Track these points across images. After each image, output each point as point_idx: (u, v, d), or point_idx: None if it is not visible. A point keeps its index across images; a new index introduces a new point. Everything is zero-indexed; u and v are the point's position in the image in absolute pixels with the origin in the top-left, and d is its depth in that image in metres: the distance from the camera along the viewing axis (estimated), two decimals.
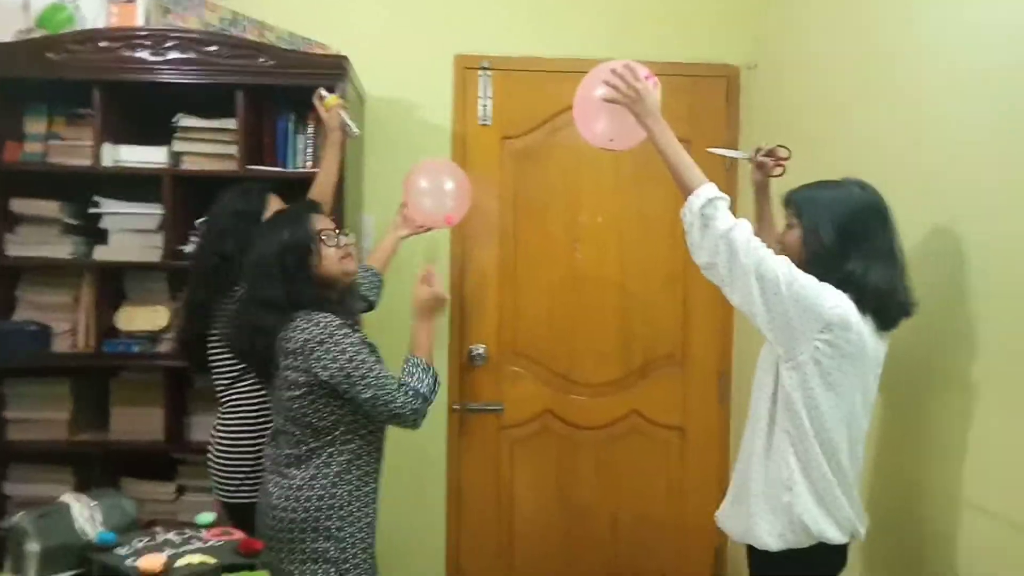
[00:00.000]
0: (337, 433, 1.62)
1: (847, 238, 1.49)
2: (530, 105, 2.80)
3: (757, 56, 2.74)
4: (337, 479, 1.62)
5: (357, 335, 1.63)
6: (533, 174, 2.81)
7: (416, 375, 1.63)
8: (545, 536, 2.83)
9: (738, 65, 2.83)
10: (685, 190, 1.57)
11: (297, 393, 1.59)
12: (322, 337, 1.56)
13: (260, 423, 1.94)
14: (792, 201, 1.60)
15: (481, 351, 2.78)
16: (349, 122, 2.16)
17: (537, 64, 2.78)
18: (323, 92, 2.17)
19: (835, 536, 1.50)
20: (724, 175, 2.80)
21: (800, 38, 2.43)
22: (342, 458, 1.63)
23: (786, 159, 1.86)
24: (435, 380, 1.66)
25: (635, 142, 1.79)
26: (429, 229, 2.27)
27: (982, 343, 1.50)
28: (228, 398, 2.01)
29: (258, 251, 1.65)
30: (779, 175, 1.87)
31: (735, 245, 1.47)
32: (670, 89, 2.77)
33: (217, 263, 1.93)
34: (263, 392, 1.90)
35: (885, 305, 1.49)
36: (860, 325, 1.46)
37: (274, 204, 2.00)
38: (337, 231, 1.71)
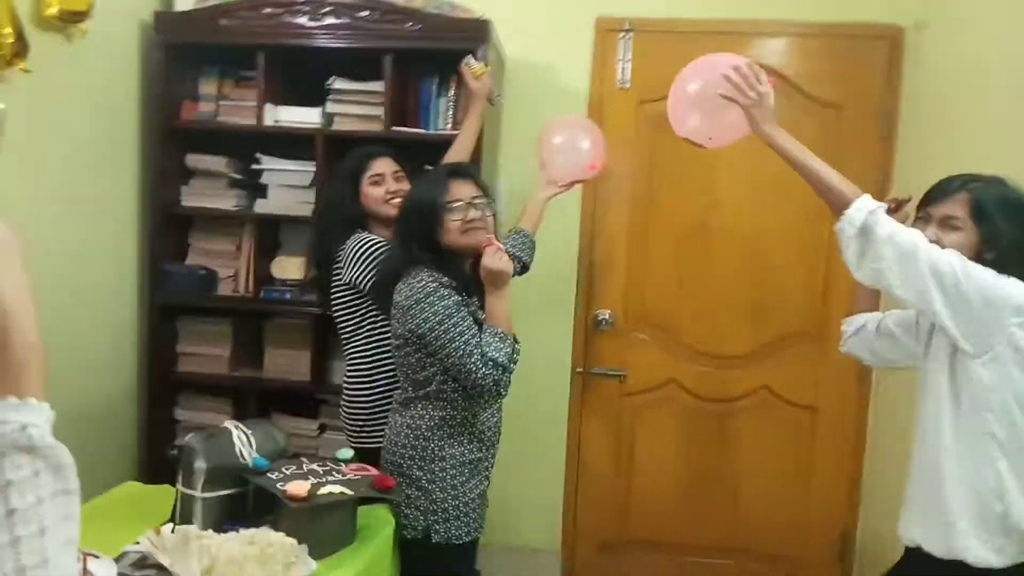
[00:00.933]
0: (431, 388, 1.66)
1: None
2: (669, 68, 2.67)
3: (928, 14, 2.51)
4: (430, 432, 1.67)
5: (454, 299, 1.62)
6: (670, 138, 2.70)
7: (493, 344, 1.61)
8: (663, 504, 2.84)
9: (903, 25, 2.61)
10: (837, 204, 1.47)
11: (398, 343, 1.68)
12: (419, 296, 1.60)
13: (376, 372, 2.05)
14: (969, 203, 1.44)
15: (607, 316, 2.79)
16: (494, 91, 2.18)
17: (679, 25, 2.70)
18: (471, 60, 2.19)
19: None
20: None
21: None
22: (435, 413, 1.67)
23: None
24: (513, 348, 1.64)
25: (728, 143, 1.74)
26: (573, 184, 2.21)
27: None
28: (349, 348, 2.13)
29: (403, 203, 1.75)
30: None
31: (903, 247, 1.38)
32: (822, 51, 2.65)
33: (321, 213, 2.19)
34: (378, 342, 2.01)
35: None
36: None
37: (380, 165, 2.09)
38: (473, 201, 1.69)
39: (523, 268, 2.08)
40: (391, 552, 1.58)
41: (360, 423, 2.09)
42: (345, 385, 2.15)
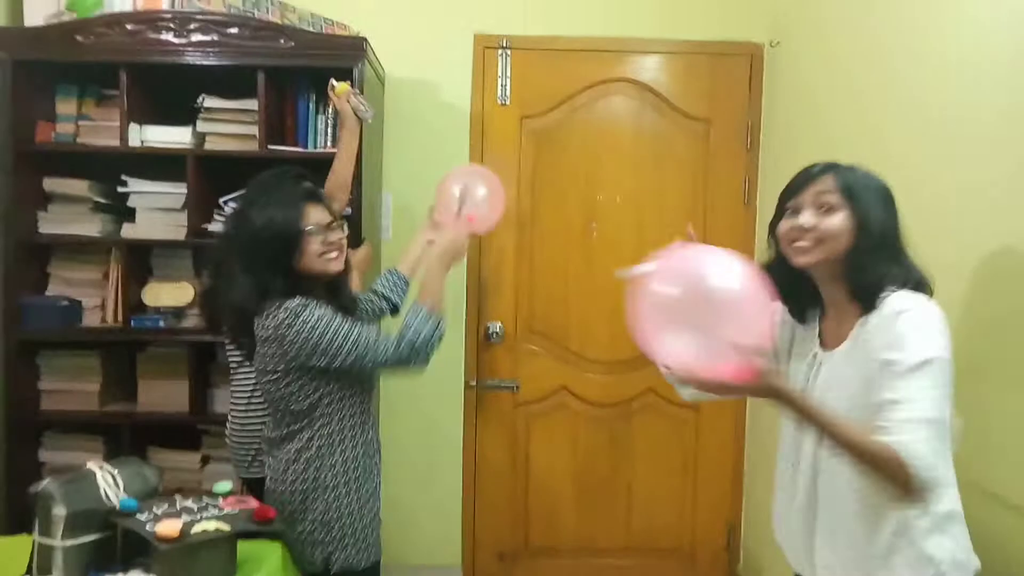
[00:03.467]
0: (315, 415, 1.61)
1: (895, 223, 1.29)
2: (549, 84, 2.80)
3: (779, 33, 2.70)
4: (319, 462, 1.62)
5: (326, 308, 1.57)
6: (551, 154, 2.82)
7: (413, 326, 1.59)
8: (561, 510, 2.89)
9: (761, 43, 2.79)
10: (878, 467, 1.15)
11: (273, 378, 1.60)
12: (289, 320, 1.53)
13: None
14: (838, 181, 1.30)
15: (498, 329, 2.82)
16: (363, 106, 2.17)
17: (556, 43, 2.78)
18: (333, 82, 2.15)
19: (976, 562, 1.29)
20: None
21: (822, 13, 2.39)
22: (321, 442, 1.62)
23: None
24: (435, 327, 1.62)
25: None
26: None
27: (987, 326, 1.49)
28: (239, 374, 2.07)
29: (247, 232, 1.59)
30: None
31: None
32: (691, 68, 2.80)
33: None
34: None
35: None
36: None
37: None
38: (331, 224, 1.64)
39: (393, 308, 2.02)
40: None
41: (253, 452, 2.02)
42: (233, 413, 2.08)
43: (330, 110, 2.48)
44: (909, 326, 1.19)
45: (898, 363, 1.17)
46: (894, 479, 1.12)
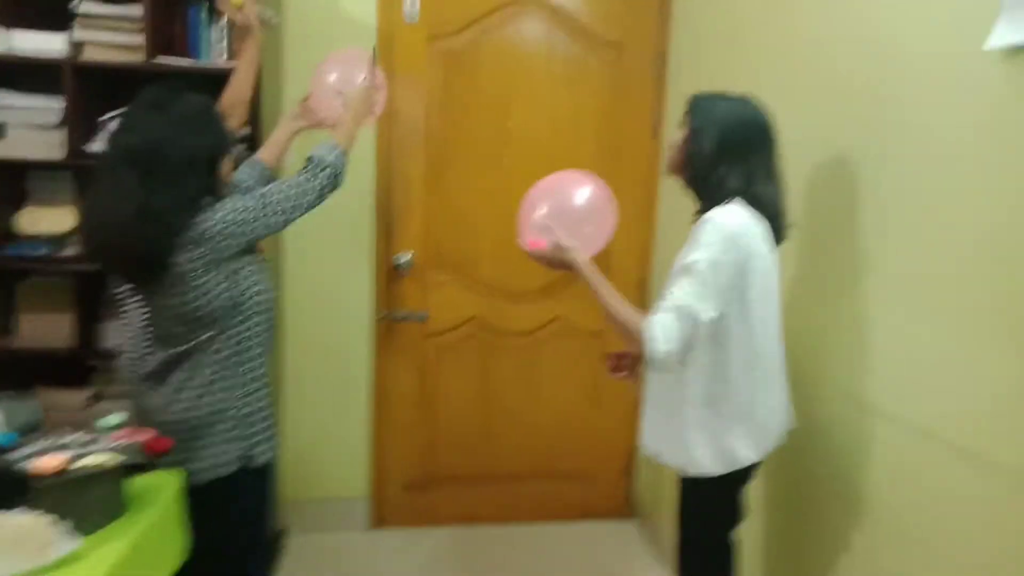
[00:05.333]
0: (239, 311, 1.61)
1: (725, 147, 1.51)
2: (459, 4, 2.69)
3: None
4: (238, 358, 1.63)
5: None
6: (462, 76, 2.73)
7: (330, 156, 1.73)
8: (468, 438, 2.93)
9: None
10: (631, 338, 1.47)
11: (195, 283, 1.54)
12: (225, 215, 1.55)
13: None
14: (688, 103, 1.60)
15: (407, 259, 2.77)
16: (265, 12, 2.01)
17: None
18: None
19: (758, 454, 1.57)
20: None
21: None
22: (240, 338, 1.63)
23: None
24: (344, 157, 1.78)
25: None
26: (330, 126, 2.05)
27: (875, 253, 1.57)
28: (133, 303, 1.95)
29: (186, 145, 1.53)
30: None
31: (699, 322, 1.43)
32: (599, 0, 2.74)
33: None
34: None
35: (770, 217, 1.52)
36: (757, 227, 1.48)
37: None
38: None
39: None
40: (174, 516, 1.48)
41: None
42: (126, 346, 1.96)
43: (224, 20, 2.30)
44: (700, 233, 1.46)
45: (678, 263, 1.48)
46: (631, 338, 1.46)
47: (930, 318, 1.40)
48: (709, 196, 1.54)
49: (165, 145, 1.50)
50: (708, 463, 1.56)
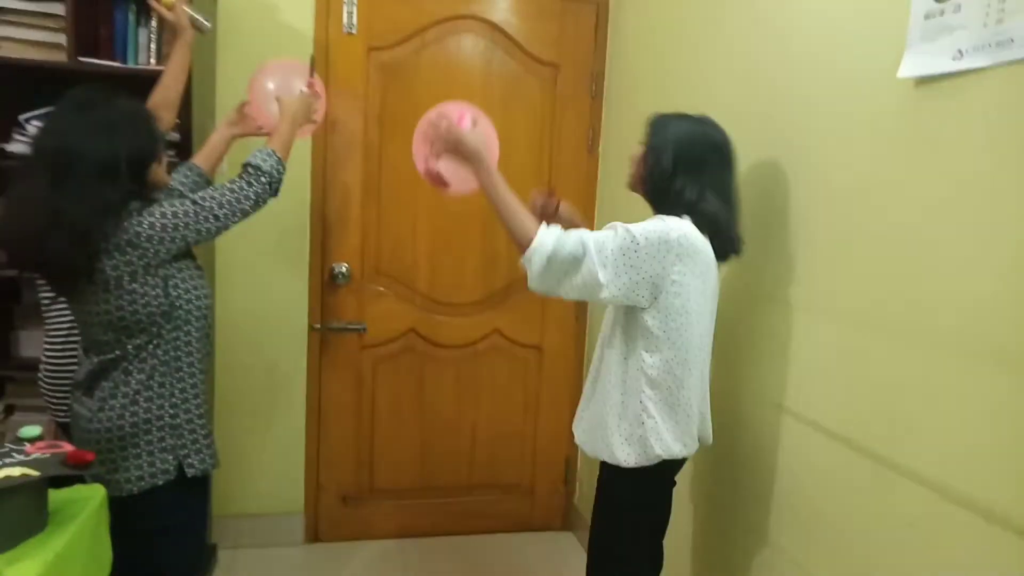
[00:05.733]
0: (170, 320, 1.55)
1: (682, 164, 1.58)
2: (398, 16, 2.70)
3: None
4: (165, 368, 1.57)
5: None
6: (400, 88, 2.73)
7: (267, 162, 1.70)
8: (406, 451, 2.89)
9: None
10: (519, 239, 1.52)
11: (129, 288, 1.49)
12: (154, 221, 1.50)
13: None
14: (649, 122, 1.67)
15: (344, 270, 2.73)
16: (197, 16, 1.98)
17: None
18: None
19: (680, 452, 1.60)
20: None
21: None
22: (168, 347, 1.56)
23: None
24: (281, 164, 1.74)
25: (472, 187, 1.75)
26: (267, 134, 2.02)
27: (801, 263, 1.65)
28: (52, 311, 1.87)
29: (106, 150, 1.46)
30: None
31: (587, 262, 1.48)
32: (541, 12, 2.80)
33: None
34: None
35: (718, 232, 1.58)
36: (702, 243, 1.54)
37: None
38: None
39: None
40: (97, 531, 1.41)
41: (62, 396, 1.84)
42: (48, 354, 1.87)
43: (153, 22, 2.24)
44: (649, 220, 1.55)
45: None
46: (519, 243, 1.51)
47: (841, 323, 1.48)
48: (667, 209, 1.59)
49: (81, 149, 1.43)
50: (625, 454, 1.59)
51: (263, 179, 1.68)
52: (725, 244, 1.62)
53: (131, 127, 1.52)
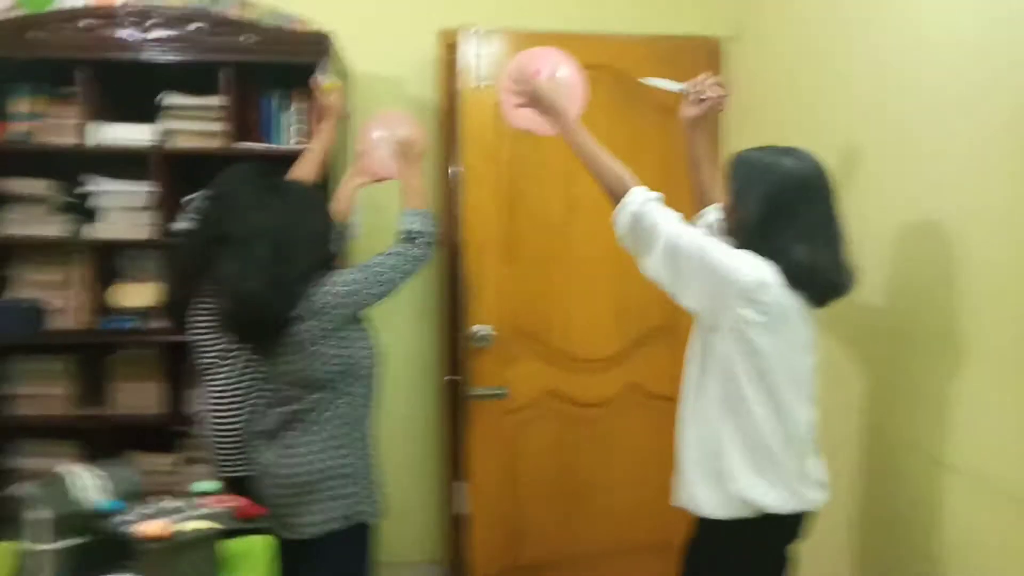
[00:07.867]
0: (350, 375, 1.71)
1: (770, 212, 1.45)
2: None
3: (740, 27, 2.75)
4: (343, 420, 1.72)
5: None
6: (526, 142, 2.61)
7: (421, 225, 1.79)
8: (551, 513, 2.77)
9: (719, 37, 2.84)
10: (612, 189, 1.54)
11: (312, 349, 1.66)
12: (334, 290, 1.67)
13: (250, 395, 1.95)
14: (729, 163, 1.54)
15: (485, 332, 2.64)
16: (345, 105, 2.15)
17: (517, 40, 2.71)
18: (320, 77, 2.13)
19: (776, 505, 1.46)
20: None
21: (784, 7, 2.45)
22: (350, 400, 1.72)
23: (722, 96, 1.84)
24: (432, 220, 1.83)
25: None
26: (385, 179, 2.13)
27: (968, 306, 1.54)
28: (220, 372, 2.04)
29: (309, 225, 1.71)
30: (720, 110, 1.90)
31: (658, 238, 1.49)
32: (651, 61, 2.79)
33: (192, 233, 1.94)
34: (249, 365, 1.93)
35: (810, 281, 1.45)
36: (781, 293, 1.42)
37: None
38: None
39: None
40: None
41: (231, 450, 2.01)
42: (215, 412, 2.05)
43: (293, 107, 2.46)
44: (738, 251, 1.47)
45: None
46: (614, 195, 1.54)
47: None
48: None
49: (294, 224, 1.67)
50: (712, 505, 1.50)
51: (424, 239, 1.79)
52: (820, 287, 1.47)
53: (317, 203, 1.77)
